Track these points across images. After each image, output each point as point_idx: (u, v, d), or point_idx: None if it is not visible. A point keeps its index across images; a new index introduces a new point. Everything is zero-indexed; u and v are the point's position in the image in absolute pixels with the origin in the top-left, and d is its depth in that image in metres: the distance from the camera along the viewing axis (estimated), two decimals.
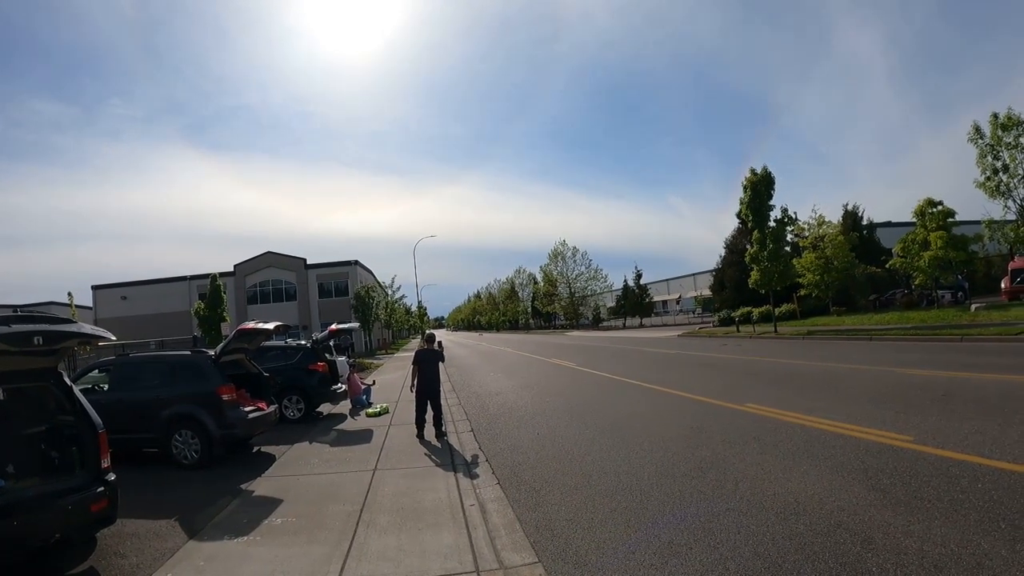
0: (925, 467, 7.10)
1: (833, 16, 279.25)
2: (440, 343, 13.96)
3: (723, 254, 61.41)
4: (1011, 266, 35.45)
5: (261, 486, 8.99)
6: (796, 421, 10.34)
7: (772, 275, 35.90)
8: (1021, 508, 5.54)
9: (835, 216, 49.59)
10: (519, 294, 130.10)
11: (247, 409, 11.26)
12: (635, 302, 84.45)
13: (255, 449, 12.02)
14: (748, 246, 38.91)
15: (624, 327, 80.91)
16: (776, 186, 36.15)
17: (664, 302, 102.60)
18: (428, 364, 12.51)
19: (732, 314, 47.93)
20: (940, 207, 36.26)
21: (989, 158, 21.31)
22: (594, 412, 13.48)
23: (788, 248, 38.82)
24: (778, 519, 5.87)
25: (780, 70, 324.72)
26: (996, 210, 22.21)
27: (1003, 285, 35.92)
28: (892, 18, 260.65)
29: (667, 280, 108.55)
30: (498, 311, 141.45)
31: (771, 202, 36.18)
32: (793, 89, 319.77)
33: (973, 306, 32.70)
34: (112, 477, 6.32)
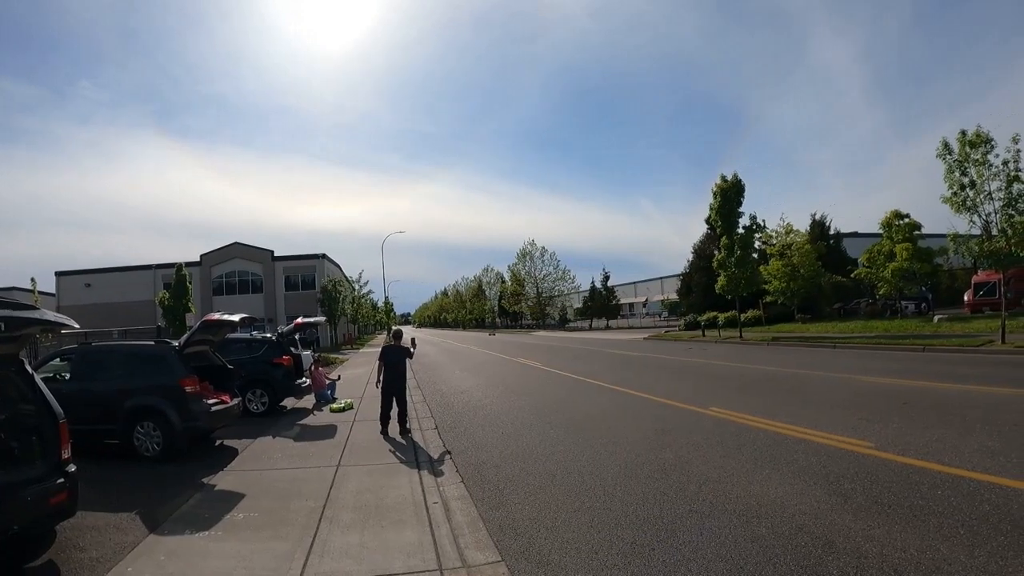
0: (886, 473, 7.26)
1: (809, 26, 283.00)
2: (414, 340, 13.96)
3: (691, 259, 62.17)
4: (974, 279, 36.32)
5: (224, 480, 8.92)
6: (759, 426, 10.49)
7: (739, 281, 36.31)
8: (980, 514, 5.68)
9: (803, 225, 50.70)
10: (486, 293, 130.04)
11: (210, 402, 11.15)
12: (602, 304, 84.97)
13: (218, 442, 11.92)
14: (716, 252, 39.32)
15: (590, 328, 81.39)
16: (746, 193, 36.58)
17: (631, 305, 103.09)
18: (395, 361, 12.50)
19: (698, 318, 48.41)
20: (907, 219, 37.26)
21: (956, 174, 21.64)
22: (559, 412, 13.57)
23: (755, 255, 39.36)
24: (740, 522, 5.95)
25: (755, 78, 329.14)
26: (962, 224, 22.62)
27: (966, 298, 36.82)
28: (867, 30, 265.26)
29: (634, 283, 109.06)
30: (465, 309, 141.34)
31: (740, 209, 36.57)
32: (767, 97, 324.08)
33: (936, 317, 33.45)
34: (72, 469, 6.21)
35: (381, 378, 12.35)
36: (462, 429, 12.43)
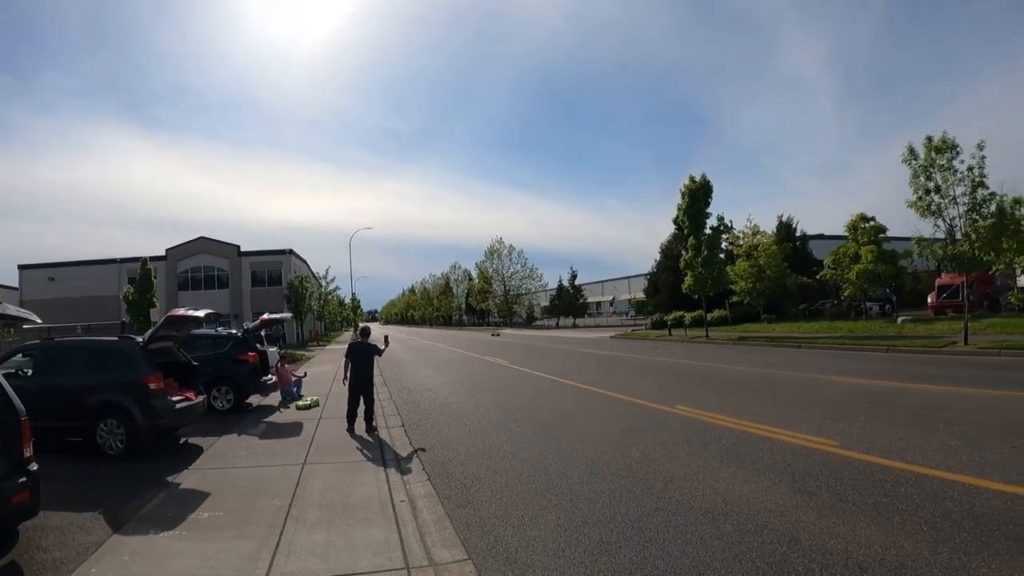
0: (850, 471, 7.43)
1: (779, 30, 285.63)
2: (387, 338, 13.91)
3: (658, 259, 62.66)
4: (938, 282, 37.20)
5: (188, 479, 8.85)
6: (725, 424, 10.67)
7: (706, 281, 36.69)
8: (943, 512, 5.85)
9: (770, 226, 51.24)
10: (454, 290, 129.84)
11: (175, 399, 11.03)
12: (569, 302, 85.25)
13: (182, 440, 11.81)
14: (683, 252, 39.70)
15: (557, 327, 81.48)
16: (714, 194, 37.02)
17: (598, 303, 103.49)
18: (362, 358, 12.49)
19: (665, 318, 48.78)
20: (872, 222, 38.13)
21: (922, 179, 22.13)
22: (525, 410, 13.66)
23: (722, 255, 39.80)
24: (706, 519, 6.05)
25: (725, 81, 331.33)
26: (926, 228, 23.17)
27: (930, 300, 37.69)
28: (837, 35, 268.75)
29: (602, 282, 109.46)
30: (432, 306, 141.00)
31: (708, 210, 37.00)
32: (737, 100, 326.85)
33: (900, 318, 34.14)
34: (35, 467, 6.13)
35: (348, 375, 12.34)
36: (429, 427, 12.46)
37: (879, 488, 6.69)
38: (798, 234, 57.21)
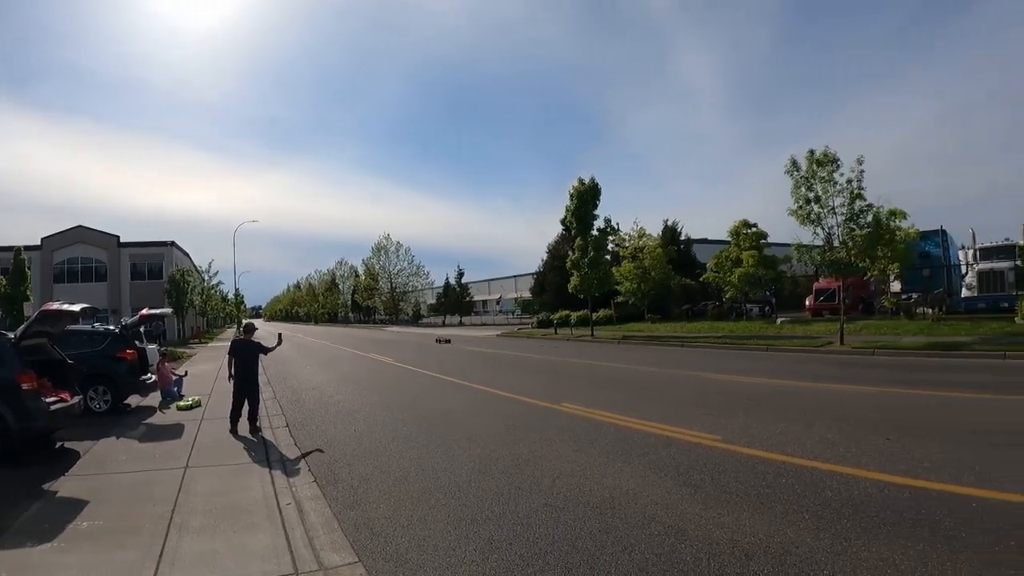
0: (733, 464, 7.82)
1: (674, 39, 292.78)
2: (280, 335, 13.67)
3: (545, 258, 63.59)
4: (815, 286, 39.23)
5: (65, 486, 8.53)
6: (611, 421, 11.01)
7: (592, 281, 37.61)
8: (822, 500, 6.27)
9: (655, 229, 52.67)
10: (340, 287, 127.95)
11: (49, 400, 10.59)
12: (456, 300, 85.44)
13: (58, 444, 11.31)
14: (570, 252, 40.48)
15: (443, 325, 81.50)
16: (602, 196, 38.04)
17: (484, 302, 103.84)
18: (245, 355, 12.35)
19: (551, 317, 49.55)
20: (754, 229, 40.33)
21: (803, 189, 23.52)
22: (412, 409, 13.82)
23: (608, 256, 40.87)
24: (594, 513, 6.24)
25: (619, 86, 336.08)
26: (806, 235, 24.68)
27: (807, 302, 39.73)
28: (729, 47, 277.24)
29: (488, 280, 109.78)
30: (318, 303, 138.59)
31: (596, 211, 38.03)
32: (630, 105, 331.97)
33: (779, 320, 35.86)
34: None
35: (232, 372, 12.19)
36: (314, 426, 12.44)
37: (761, 480, 7.06)
38: (683, 237, 59.01)
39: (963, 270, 35.43)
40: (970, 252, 35.66)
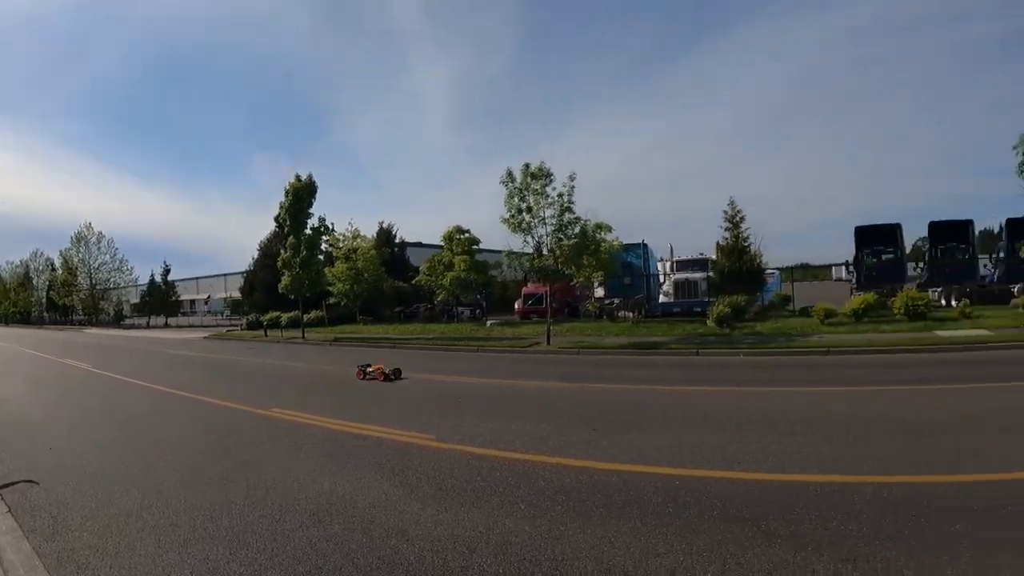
0: (448, 462, 7.97)
1: (411, 49, 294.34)
2: None
3: (256, 256, 60.87)
4: (524, 290, 41.44)
5: None
6: (324, 425, 10.82)
7: (303, 281, 36.77)
8: (536, 490, 6.58)
9: (371, 231, 52.71)
10: (34, 282, 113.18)
11: None
12: (161, 299, 79.27)
13: None
14: (283, 250, 39.23)
15: (148, 326, 75.32)
16: (319, 196, 37.21)
17: (192, 301, 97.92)
18: None
19: (261, 318, 47.66)
20: (467, 234, 41.89)
21: (516, 200, 24.81)
22: (111, 421, 12.60)
23: (321, 256, 40.21)
24: (313, 521, 6.09)
25: (352, 88, 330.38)
26: (517, 243, 26.06)
27: (517, 306, 42.00)
28: (460, 65, 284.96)
29: (197, 279, 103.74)
30: (8, 300, 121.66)
31: (311, 210, 37.08)
32: (360, 108, 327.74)
33: (489, 322, 37.35)
34: None
35: None
36: (2, 446, 10.81)
37: (476, 475, 7.27)
38: (397, 240, 59.58)
39: (661, 279, 39.40)
40: (668, 263, 40.10)
